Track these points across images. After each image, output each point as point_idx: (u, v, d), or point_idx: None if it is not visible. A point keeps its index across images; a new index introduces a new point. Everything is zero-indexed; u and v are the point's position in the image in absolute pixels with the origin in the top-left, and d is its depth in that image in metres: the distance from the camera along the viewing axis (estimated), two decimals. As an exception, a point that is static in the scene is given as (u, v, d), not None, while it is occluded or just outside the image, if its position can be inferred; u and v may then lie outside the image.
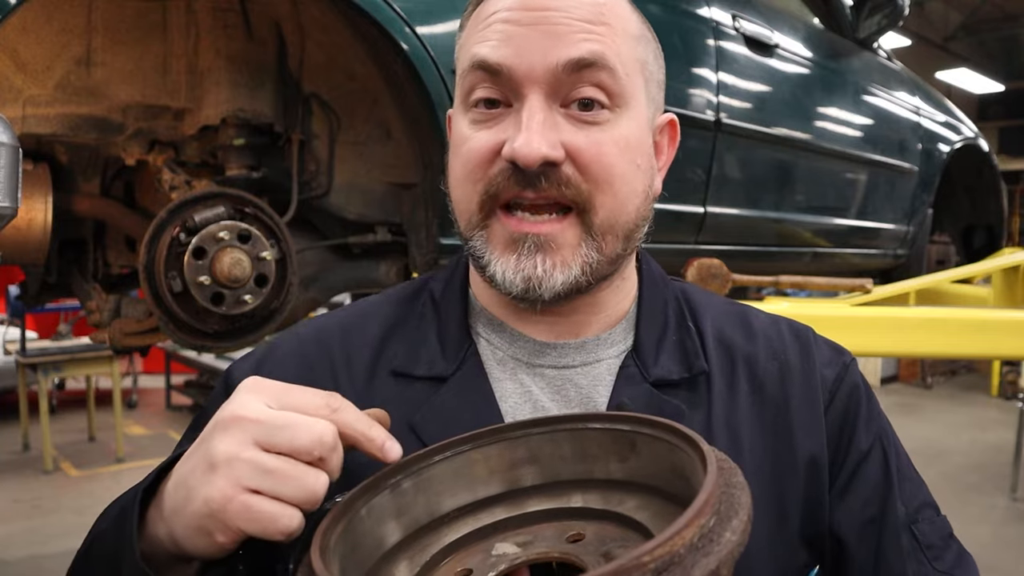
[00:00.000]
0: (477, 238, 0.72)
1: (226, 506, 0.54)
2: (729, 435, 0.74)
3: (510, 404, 0.75)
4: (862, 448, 0.78)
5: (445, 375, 0.76)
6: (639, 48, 0.74)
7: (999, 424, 6.99)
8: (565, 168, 0.68)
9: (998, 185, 4.22)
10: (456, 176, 0.74)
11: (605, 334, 0.78)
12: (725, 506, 0.47)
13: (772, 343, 0.81)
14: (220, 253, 1.62)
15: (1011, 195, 9.70)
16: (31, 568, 4.06)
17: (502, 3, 0.70)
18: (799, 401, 0.77)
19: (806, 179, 2.86)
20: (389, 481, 0.61)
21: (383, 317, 0.81)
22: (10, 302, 6.35)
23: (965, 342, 2.24)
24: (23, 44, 1.63)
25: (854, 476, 0.77)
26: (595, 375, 0.77)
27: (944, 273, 3.21)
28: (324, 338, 0.80)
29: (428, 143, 1.76)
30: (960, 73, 12.87)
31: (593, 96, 0.69)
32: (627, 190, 0.72)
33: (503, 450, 0.63)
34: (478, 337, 0.79)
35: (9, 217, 0.93)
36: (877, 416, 0.81)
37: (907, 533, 0.76)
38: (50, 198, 1.71)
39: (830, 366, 0.80)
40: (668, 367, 0.76)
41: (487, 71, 0.69)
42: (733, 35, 2.47)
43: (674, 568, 0.43)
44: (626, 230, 0.73)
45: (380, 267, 2.02)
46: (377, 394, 0.75)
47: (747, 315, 0.84)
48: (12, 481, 5.40)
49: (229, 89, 1.73)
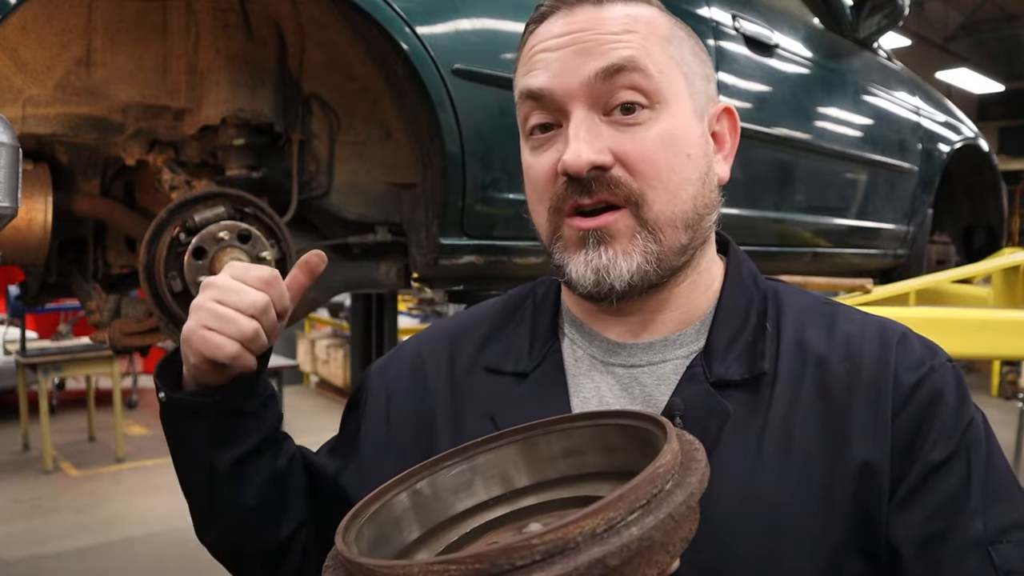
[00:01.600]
0: (557, 250, 0.78)
1: (191, 337, 0.77)
2: (782, 441, 0.74)
3: (580, 399, 0.81)
4: (935, 459, 0.72)
5: (527, 371, 0.83)
6: (671, 47, 0.78)
7: (999, 424, 6.97)
8: (615, 171, 0.74)
9: (998, 185, 4.21)
10: (530, 200, 0.81)
11: (675, 335, 0.81)
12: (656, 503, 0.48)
13: (851, 344, 0.78)
14: (220, 253, 1.62)
15: (1011, 195, 9.70)
16: (31, 568, 4.06)
17: (539, 36, 0.78)
18: (863, 405, 0.74)
19: (806, 179, 2.86)
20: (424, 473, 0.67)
21: (492, 319, 0.91)
22: (10, 302, 6.34)
23: (965, 342, 2.24)
24: (23, 44, 1.63)
25: (921, 487, 0.72)
26: (660, 375, 0.80)
27: (944, 273, 3.21)
28: (439, 337, 0.93)
29: (428, 143, 1.76)
30: (960, 73, 12.87)
31: (631, 99, 0.74)
32: (678, 181, 0.76)
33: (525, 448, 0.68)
34: (563, 337, 0.86)
35: (9, 217, 0.93)
36: (966, 425, 0.74)
37: (980, 554, 0.70)
38: (50, 198, 1.71)
39: (911, 370, 0.75)
40: (732, 367, 0.77)
41: (534, 98, 0.77)
42: (733, 35, 2.47)
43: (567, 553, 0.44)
44: (685, 220, 0.76)
45: (380, 267, 2.02)
46: (469, 387, 0.85)
47: (836, 315, 0.82)
48: (12, 481, 5.39)
49: (229, 89, 1.73)
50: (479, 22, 1.77)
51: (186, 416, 0.82)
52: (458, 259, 1.84)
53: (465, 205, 1.77)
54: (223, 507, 0.86)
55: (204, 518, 0.88)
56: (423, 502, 0.66)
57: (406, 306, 8.21)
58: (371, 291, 2.88)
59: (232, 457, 0.83)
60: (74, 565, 4.10)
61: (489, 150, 1.78)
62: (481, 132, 1.76)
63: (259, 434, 0.85)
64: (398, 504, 0.65)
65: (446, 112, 1.68)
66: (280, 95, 1.80)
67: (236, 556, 0.90)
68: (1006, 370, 8.35)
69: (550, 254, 0.79)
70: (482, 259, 1.88)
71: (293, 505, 0.89)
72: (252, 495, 0.85)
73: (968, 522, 0.71)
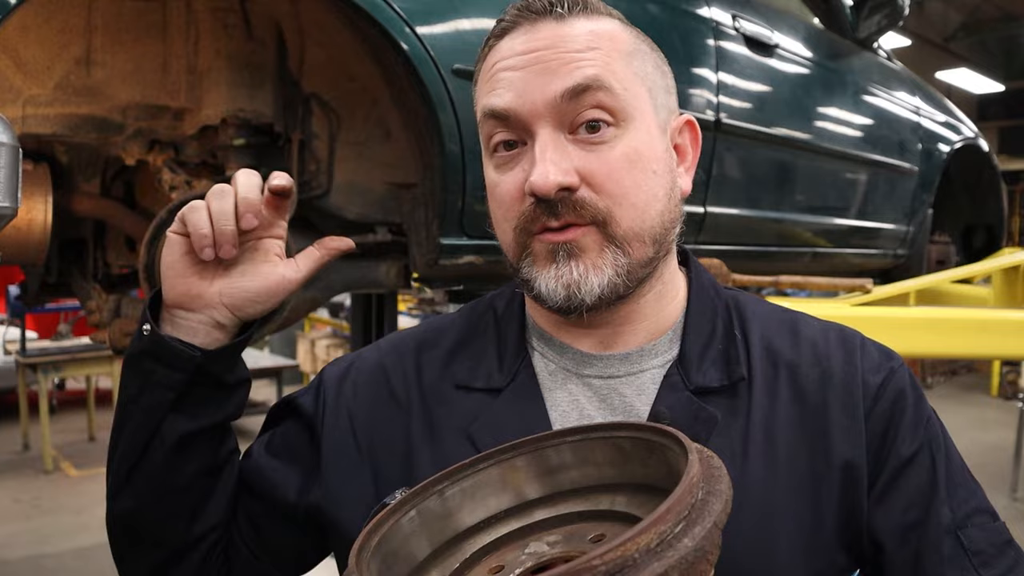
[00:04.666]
0: (525, 265, 0.78)
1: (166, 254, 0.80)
2: (767, 441, 0.76)
3: (559, 412, 0.80)
4: (904, 454, 0.77)
5: (500, 387, 0.82)
6: (635, 62, 0.78)
7: (999, 424, 6.98)
8: (581, 192, 0.73)
9: (998, 185, 4.22)
10: (495, 216, 0.81)
11: (650, 344, 0.81)
12: (696, 512, 0.49)
13: (817, 349, 0.81)
14: (220, 253, 1.62)
15: (1011, 195, 9.70)
16: (31, 568, 4.06)
17: (500, 53, 0.77)
18: (838, 407, 0.78)
19: (806, 179, 2.86)
20: (431, 491, 0.66)
21: (453, 334, 0.89)
22: (10, 302, 6.34)
23: (965, 342, 2.24)
24: (23, 44, 1.63)
25: (895, 481, 0.77)
26: (639, 384, 0.80)
27: (944, 273, 3.21)
28: (401, 350, 0.90)
29: (428, 143, 1.76)
30: (960, 73, 12.87)
31: (596, 117, 0.74)
32: (645, 197, 0.76)
33: (536, 459, 0.68)
34: (532, 351, 0.84)
35: (9, 217, 0.93)
36: (926, 421, 0.80)
37: (952, 539, 0.76)
38: (50, 198, 1.71)
39: (875, 372, 0.80)
40: (710, 375, 0.79)
41: (497, 118, 0.76)
42: (733, 35, 2.47)
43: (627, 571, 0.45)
44: (652, 235, 0.77)
45: (380, 267, 2.02)
46: (442, 405, 0.83)
47: (797, 322, 0.85)
48: (12, 481, 5.40)
49: (229, 89, 1.73)
50: (479, 22, 1.77)
51: (160, 363, 0.79)
52: (458, 259, 1.84)
53: (465, 205, 1.77)
54: (147, 478, 0.81)
55: (120, 483, 0.83)
56: (431, 519, 0.66)
57: (406, 306, 8.22)
58: (371, 291, 2.88)
59: (184, 429, 0.80)
60: (74, 565, 4.10)
61: (489, 150, 1.78)
62: (481, 132, 1.76)
63: (220, 415, 0.83)
64: (407, 523, 0.64)
65: (446, 112, 1.68)
66: (280, 95, 1.80)
67: (133, 539, 0.86)
68: (1006, 370, 8.35)
69: (517, 270, 0.79)
70: (482, 259, 1.87)
71: (216, 504, 0.85)
72: (183, 478, 0.82)
73: (939, 510, 0.76)
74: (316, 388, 0.90)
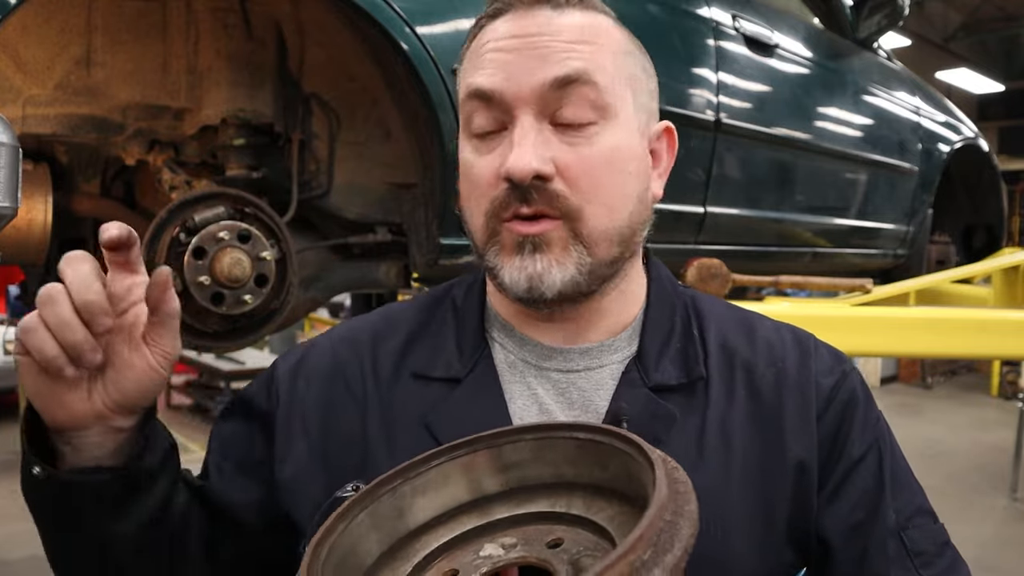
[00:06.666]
0: (490, 252, 0.77)
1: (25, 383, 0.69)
2: (722, 439, 0.77)
3: (518, 405, 0.80)
4: (854, 455, 0.79)
5: (459, 376, 0.81)
6: (626, 62, 0.78)
7: (999, 424, 6.99)
8: (555, 184, 0.73)
9: (998, 185, 4.21)
10: (465, 199, 0.79)
11: (609, 340, 0.81)
12: (666, 536, 0.48)
13: (773, 350, 0.83)
14: (220, 253, 1.62)
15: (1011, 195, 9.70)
16: (31, 568, 4.06)
17: (493, 34, 0.76)
18: (792, 408, 0.79)
19: (806, 179, 2.86)
20: (384, 489, 0.64)
21: (410, 323, 0.87)
22: (10, 302, 6.34)
23: (965, 342, 2.24)
24: (23, 44, 1.63)
25: (844, 482, 0.79)
26: (597, 380, 0.80)
27: (944, 273, 3.21)
28: (356, 339, 0.87)
29: (428, 143, 1.76)
30: (960, 73, 12.88)
31: (579, 111, 0.74)
32: (617, 197, 0.76)
33: (493, 455, 0.66)
34: (492, 342, 0.84)
35: (9, 217, 0.93)
36: (874, 423, 0.82)
37: (895, 539, 0.78)
38: (50, 198, 1.70)
39: (828, 375, 0.82)
40: (668, 372, 0.79)
41: (481, 98, 0.75)
42: (733, 35, 2.47)
43: None
44: (620, 236, 0.77)
45: (380, 267, 2.02)
46: (399, 395, 0.81)
47: (752, 323, 0.86)
48: (12, 481, 5.39)
49: (229, 89, 1.73)
50: (479, 22, 1.77)
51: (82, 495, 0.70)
52: (458, 259, 1.84)
53: (465, 205, 1.77)
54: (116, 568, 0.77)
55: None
56: (383, 519, 0.63)
57: (406, 306, 8.20)
58: (371, 291, 2.88)
59: (139, 521, 0.74)
60: (74, 565, 4.10)
61: (489, 150, 1.78)
62: (481, 132, 1.76)
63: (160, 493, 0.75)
64: (356, 527, 0.62)
65: (446, 112, 1.68)
66: (280, 95, 1.80)
67: None
68: (1006, 370, 8.36)
69: (482, 255, 0.78)
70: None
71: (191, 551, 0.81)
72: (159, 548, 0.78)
73: (885, 511, 0.78)
74: (267, 384, 0.86)
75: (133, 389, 0.70)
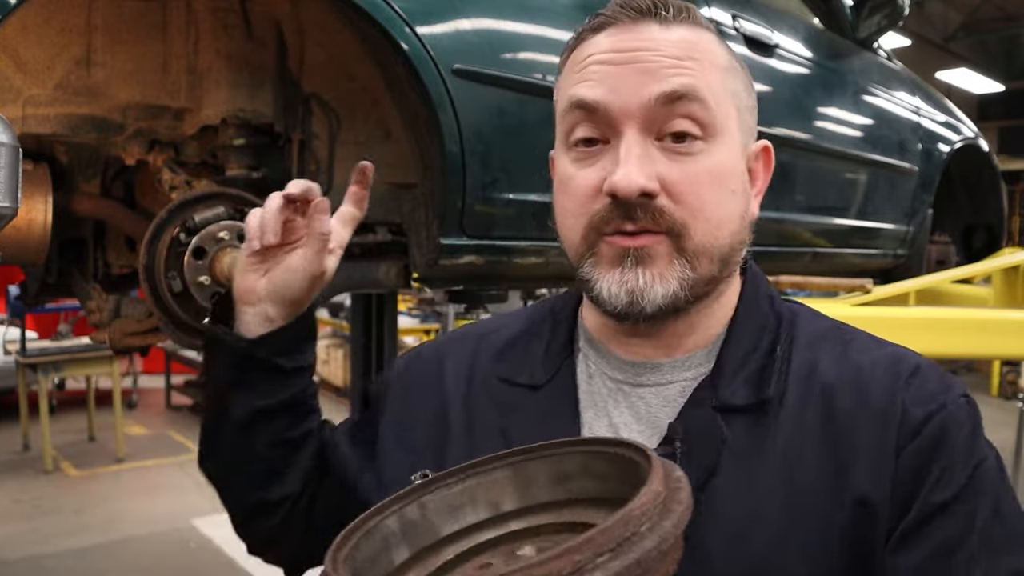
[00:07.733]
0: (587, 264, 0.76)
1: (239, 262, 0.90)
2: (783, 463, 0.72)
3: (589, 415, 0.81)
4: (936, 499, 0.69)
5: (540, 383, 0.83)
6: (729, 79, 0.77)
7: (999, 424, 6.98)
8: (660, 200, 0.72)
9: (998, 185, 4.21)
10: (563, 212, 0.79)
11: (683, 357, 0.80)
12: (627, 546, 0.48)
13: (860, 375, 0.76)
14: (220, 253, 1.62)
15: (1011, 195, 9.70)
16: (31, 568, 4.06)
17: (596, 47, 0.76)
18: (867, 437, 0.72)
19: (806, 179, 2.86)
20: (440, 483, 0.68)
21: (513, 329, 0.92)
22: (10, 302, 6.34)
23: (965, 342, 2.24)
24: (23, 44, 1.63)
25: (921, 527, 0.69)
26: (666, 396, 0.79)
27: (944, 273, 3.21)
28: (463, 341, 0.94)
29: (428, 143, 1.76)
30: (960, 73, 12.88)
31: (686, 128, 0.73)
32: (721, 216, 0.75)
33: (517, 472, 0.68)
34: (577, 352, 0.86)
35: (9, 217, 0.93)
36: (975, 467, 0.71)
37: None
38: (50, 198, 1.70)
39: (921, 404, 0.73)
40: (738, 392, 0.76)
41: (585, 109, 0.74)
42: (733, 35, 2.47)
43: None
44: (721, 254, 0.76)
45: (380, 267, 2.01)
46: (482, 396, 0.86)
47: (849, 344, 0.80)
48: (12, 481, 5.40)
49: (229, 89, 1.73)
50: (479, 22, 1.77)
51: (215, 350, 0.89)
52: (458, 259, 1.84)
53: (465, 205, 1.77)
54: (221, 448, 0.92)
55: (207, 444, 0.94)
56: (412, 524, 0.66)
57: (406, 306, 8.21)
58: (371, 291, 2.88)
59: (247, 406, 0.88)
60: (74, 565, 4.10)
61: (489, 150, 1.78)
62: (481, 132, 1.76)
63: (278, 397, 0.89)
64: (388, 525, 0.65)
65: (446, 112, 1.68)
66: (280, 95, 1.80)
67: (219, 493, 0.96)
68: (1006, 370, 8.35)
69: (577, 267, 0.77)
70: (482, 259, 1.88)
71: (289, 478, 0.92)
72: (251, 451, 0.90)
73: (966, 569, 0.68)
74: (387, 375, 0.97)
75: (281, 282, 0.87)
